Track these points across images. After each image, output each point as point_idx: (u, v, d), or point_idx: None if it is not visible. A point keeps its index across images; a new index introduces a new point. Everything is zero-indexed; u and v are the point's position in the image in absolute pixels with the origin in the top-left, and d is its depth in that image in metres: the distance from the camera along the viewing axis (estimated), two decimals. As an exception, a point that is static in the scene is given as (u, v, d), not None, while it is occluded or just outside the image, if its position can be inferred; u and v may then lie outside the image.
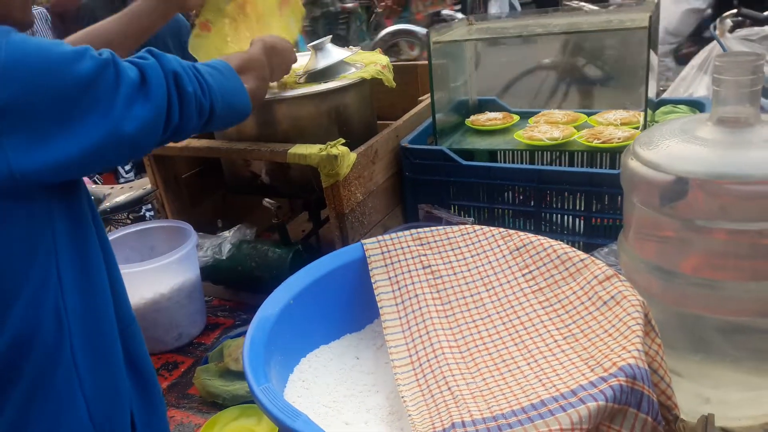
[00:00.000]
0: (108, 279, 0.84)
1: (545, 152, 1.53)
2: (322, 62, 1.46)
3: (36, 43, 0.69)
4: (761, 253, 0.82)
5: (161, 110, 0.80)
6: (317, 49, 1.48)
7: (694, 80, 1.96)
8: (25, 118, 0.67)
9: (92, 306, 0.80)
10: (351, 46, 1.59)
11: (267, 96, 1.38)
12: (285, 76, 1.48)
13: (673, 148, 0.84)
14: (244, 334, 0.87)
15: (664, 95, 2.05)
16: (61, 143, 0.69)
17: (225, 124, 1.05)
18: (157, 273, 1.29)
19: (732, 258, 0.83)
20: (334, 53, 1.48)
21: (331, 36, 1.52)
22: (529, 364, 0.80)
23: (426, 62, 1.56)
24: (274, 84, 1.46)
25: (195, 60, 1.32)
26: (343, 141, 1.30)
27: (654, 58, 1.40)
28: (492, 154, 1.61)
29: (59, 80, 0.69)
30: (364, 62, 1.54)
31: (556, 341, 0.82)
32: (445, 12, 5.00)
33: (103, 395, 0.81)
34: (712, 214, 0.80)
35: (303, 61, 1.56)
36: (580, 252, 0.90)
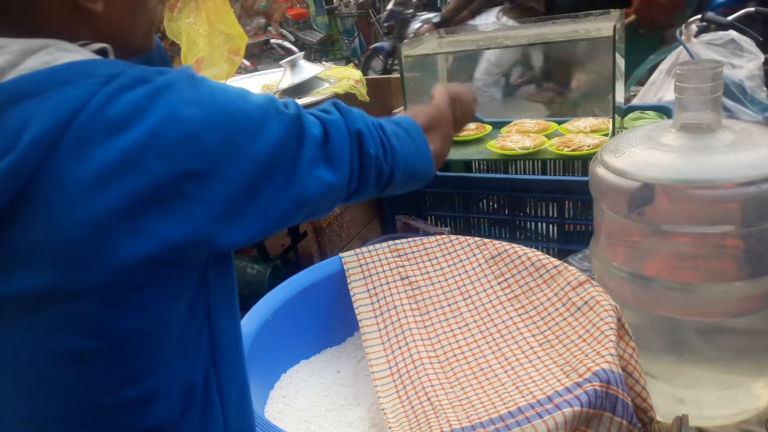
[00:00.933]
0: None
1: (518, 161, 1.55)
2: (296, 78, 1.47)
3: (226, 93, 0.59)
4: (726, 255, 0.84)
5: (345, 174, 0.70)
6: (290, 65, 1.49)
7: (662, 85, 2.00)
8: (216, 188, 0.56)
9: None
10: (324, 62, 1.61)
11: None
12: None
13: (639, 155, 0.86)
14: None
15: (635, 100, 2.09)
16: (253, 217, 0.60)
17: (402, 189, 0.87)
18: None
19: (699, 260, 0.85)
20: (307, 69, 1.49)
21: (303, 53, 1.53)
22: (506, 371, 0.81)
23: (398, 76, 1.58)
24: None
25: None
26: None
27: (621, 66, 1.44)
28: (467, 164, 1.63)
29: (257, 140, 0.59)
30: (337, 77, 1.55)
31: (532, 348, 0.84)
32: (274, 41, 4.67)
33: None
34: (678, 219, 0.82)
35: (276, 77, 1.57)
36: (553, 259, 0.92)
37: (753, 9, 2.05)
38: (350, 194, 0.73)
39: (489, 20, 2.45)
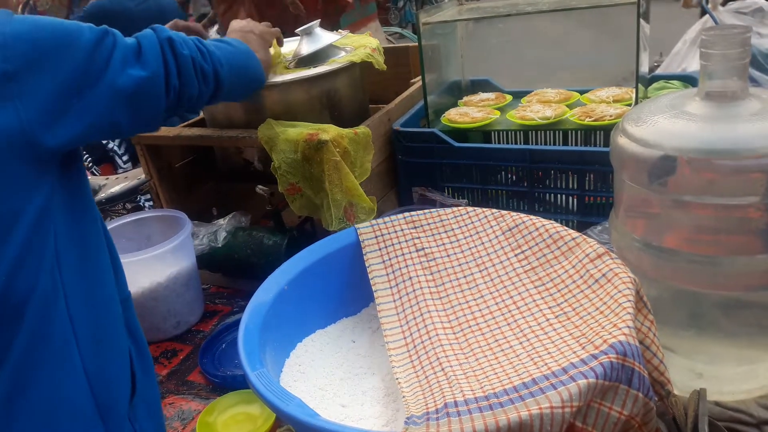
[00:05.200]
0: (107, 250, 0.90)
1: (539, 132, 1.53)
2: (311, 47, 1.45)
3: (40, 18, 0.76)
4: (750, 227, 0.82)
5: (157, 71, 0.86)
6: (305, 33, 1.47)
7: (687, 55, 1.95)
8: (33, 87, 0.72)
9: (90, 269, 0.85)
10: (340, 30, 1.58)
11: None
12: (276, 62, 1.48)
13: (661, 124, 0.84)
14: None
15: (658, 71, 2.04)
16: (76, 113, 0.76)
17: (240, 91, 1.09)
18: (153, 262, 1.29)
19: (721, 233, 0.83)
20: (323, 38, 1.47)
21: (319, 21, 1.51)
22: (521, 343, 0.81)
23: (416, 44, 1.55)
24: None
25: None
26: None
27: (646, 34, 1.40)
28: (485, 135, 1.60)
29: (72, 50, 0.76)
30: (354, 46, 1.53)
31: (548, 320, 0.83)
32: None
33: (101, 355, 0.86)
34: (700, 190, 0.80)
35: (292, 46, 1.56)
36: (571, 231, 0.91)
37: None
38: (175, 89, 0.89)
39: None
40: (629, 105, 1.42)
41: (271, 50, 1.50)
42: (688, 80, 1.58)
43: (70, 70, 0.76)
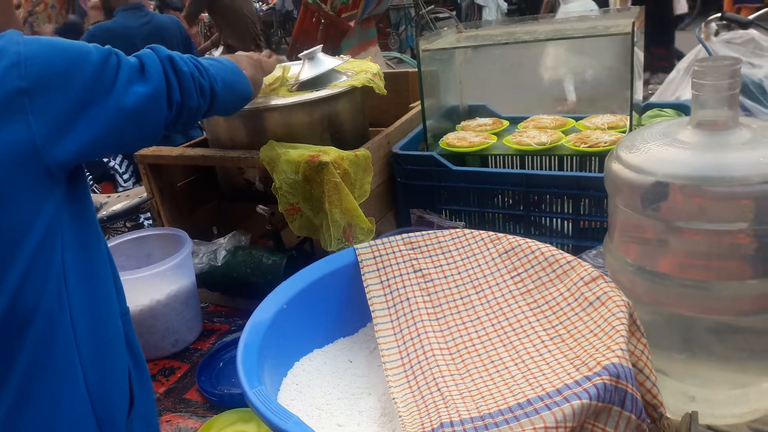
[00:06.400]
0: (109, 266, 0.93)
1: (535, 157, 1.55)
2: (314, 71, 1.48)
3: (51, 39, 0.81)
4: (740, 253, 0.84)
5: (160, 87, 0.90)
6: (308, 58, 1.51)
7: (681, 83, 1.99)
8: (46, 104, 0.77)
9: (93, 284, 0.88)
10: (342, 55, 1.62)
11: (260, 105, 1.41)
12: (277, 86, 1.50)
13: (655, 152, 0.86)
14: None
15: (653, 98, 2.08)
16: (83, 128, 0.80)
17: (231, 105, 1.15)
18: (153, 280, 1.31)
19: (713, 258, 0.85)
20: (325, 62, 1.50)
21: (321, 45, 1.54)
22: (516, 364, 0.82)
23: (416, 70, 1.59)
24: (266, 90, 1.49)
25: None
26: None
27: (640, 63, 1.43)
28: (483, 159, 1.63)
29: (81, 69, 0.80)
30: (356, 70, 1.56)
31: (543, 342, 0.84)
32: None
33: (102, 369, 0.88)
34: (692, 216, 0.82)
35: (295, 70, 1.59)
36: (567, 254, 0.92)
37: (776, 7, 2.02)
38: (177, 104, 0.94)
39: None
40: (624, 132, 1.45)
41: (276, 74, 1.53)
42: (682, 108, 1.62)
43: (79, 88, 0.80)
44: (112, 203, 1.70)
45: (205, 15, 6.00)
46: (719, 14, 1.94)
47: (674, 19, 6.23)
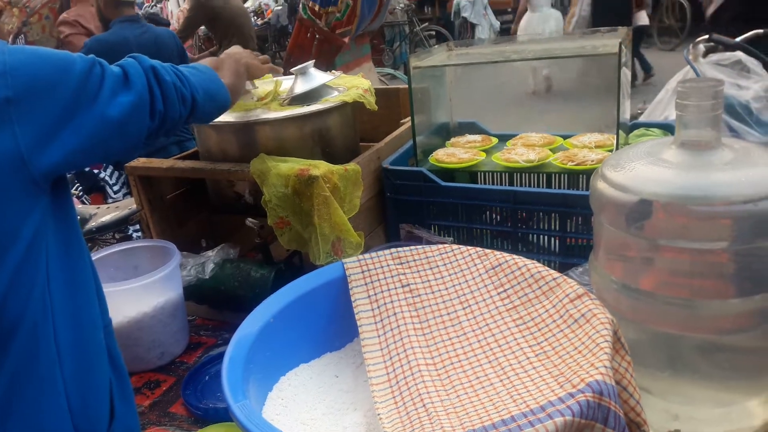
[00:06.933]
0: (92, 276, 0.93)
1: (523, 174, 1.57)
2: (306, 86, 1.49)
3: (37, 48, 0.82)
4: (721, 272, 0.85)
5: (143, 97, 0.91)
6: (300, 73, 1.52)
7: (669, 103, 2.02)
8: (31, 112, 0.77)
9: (76, 294, 0.88)
10: (334, 71, 1.63)
11: (251, 119, 1.41)
12: (269, 100, 1.51)
13: (639, 171, 0.87)
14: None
15: (641, 118, 2.10)
16: (68, 137, 0.81)
17: (210, 113, 1.16)
18: (140, 292, 1.30)
19: (695, 277, 0.86)
20: (317, 77, 1.51)
21: (314, 61, 1.55)
22: (501, 380, 0.82)
23: (407, 86, 1.60)
24: (256, 103, 1.50)
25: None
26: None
27: (627, 83, 1.45)
28: (472, 176, 1.64)
29: (65, 79, 0.81)
30: (347, 86, 1.57)
31: (528, 358, 0.85)
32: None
33: (83, 381, 0.88)
34: (675, 234, 0.83)
35: (287, 84, 1.60)
36: (553, 271, 0.93)
37: (761, 30, 2.06)
38: (160, 113, 0.95)
39: None
40: (611, 150, 1.47)
41: (269, 86, 1.54)
42: (668, 128, 1.64)
43: (64, 98, 0.81)
44: (101, 214, 1.70)
45: (200, 28, 6.06)
46: (707, 36, 1.97)
47: (635, 32, 6.33)
